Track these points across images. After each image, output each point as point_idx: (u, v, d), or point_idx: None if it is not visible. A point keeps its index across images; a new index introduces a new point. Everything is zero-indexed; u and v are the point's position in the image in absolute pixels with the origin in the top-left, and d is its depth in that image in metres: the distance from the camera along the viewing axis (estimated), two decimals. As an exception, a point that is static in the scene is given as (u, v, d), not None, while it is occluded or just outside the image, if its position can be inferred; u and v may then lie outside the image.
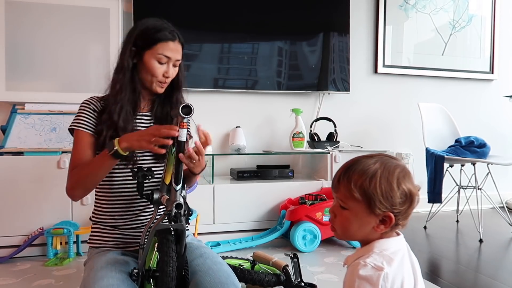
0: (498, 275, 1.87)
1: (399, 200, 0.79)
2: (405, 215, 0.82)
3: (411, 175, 0.83)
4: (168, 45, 1.24)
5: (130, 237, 1.28)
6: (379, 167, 0.81)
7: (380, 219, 0.81)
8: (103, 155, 1.15)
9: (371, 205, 0.79)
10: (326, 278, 1.76)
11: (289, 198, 2.39)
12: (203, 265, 1.14)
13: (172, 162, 1.10)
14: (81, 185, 1.21)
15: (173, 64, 1.28)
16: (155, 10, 2.62)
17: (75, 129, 1.25)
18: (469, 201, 2.73)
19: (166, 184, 1.12)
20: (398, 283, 0.78)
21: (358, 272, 0.78)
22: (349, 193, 0.82)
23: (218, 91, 2.83)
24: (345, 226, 0.84)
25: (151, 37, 1.24)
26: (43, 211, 2.06)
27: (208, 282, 1.06)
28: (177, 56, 1.27)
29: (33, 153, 2.13)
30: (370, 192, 0.79)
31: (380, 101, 3.27)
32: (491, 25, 3.52)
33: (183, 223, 1.05)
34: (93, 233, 1.32)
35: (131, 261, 1.20)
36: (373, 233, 0.83)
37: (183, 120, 1.05)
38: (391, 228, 0.82)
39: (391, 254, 0.80)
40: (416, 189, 0.82)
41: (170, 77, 1.28)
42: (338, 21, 3.04)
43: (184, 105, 1.04)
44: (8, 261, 1.98)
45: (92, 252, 1.28)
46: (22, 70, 2.40)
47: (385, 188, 0.79)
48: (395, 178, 0.80)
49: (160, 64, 1.25)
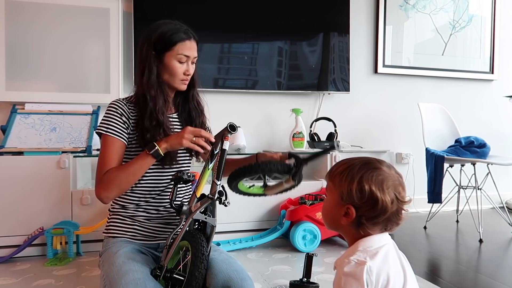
0: (498, 275, 1.87)
1: (356, 195, 0.83)
2: (368, 215, 0.83)
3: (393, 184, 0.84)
4: (185, 45, 1.31)
5: (148, 231, 1.31)
6: (357, 164, 0.86)
7: (345, 211, 0.85)
8: (143, 156, 1.23)
9: (340, 196, 0.85)
10: (326, 278, 1.76)
11: (289, 198, 2.39)
12: (219, 256, 1.21)
13: (207, 177, 1.22)
14: (118, 187, 1.24)
15: (191, 62, 1.35)
16: (155, 10, 2.62)
17: (103, 133, 1.27)
18: (469, 201, 2.73)
19: (197, 197, 1.21)
20: (384, 276, 0.79)
21: (343, 270, 0.80)
22: (328, 182, 0.91)
23: (218, 91, 2.83)
24: (323, 212, 0.93)
25: (169, 39, 1.30)
26: (43, 211, 2.06)
27: (224, 268, 1.13)
28: (194, 53, 1.35)
29: (33, 153, 2.12)
30: (338, 182, 0.86)
31: (380, 101, 3.27)
32: (491, 25, 3.52)
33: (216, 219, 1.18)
34: (111, 223, 1.34)
35: (150, 257, 1.25)
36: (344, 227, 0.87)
37: (227, 135, 1.22)
38: (357, 226, 0.85)
39: (374, 250, 0.83)
40: (387, 196, 0.82)
41: (191, 74, 1.35)
42: (338, 21, 3.04)
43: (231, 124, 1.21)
44: (8, 261, 1.98)
45: (108, 242, 1.29)
46: (22, 70, 2.40)
47: (348, 181, 0.84)
48: (360, 175, 0.84)
49: (180, 64, 1.32)
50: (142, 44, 1.32)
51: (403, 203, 0.85)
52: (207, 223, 1.17)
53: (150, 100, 1.28)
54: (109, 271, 1.13)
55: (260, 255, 2.10)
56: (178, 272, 1.08)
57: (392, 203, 0.83)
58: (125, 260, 1.14)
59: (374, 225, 0.85)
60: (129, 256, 1.17)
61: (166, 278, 1.07)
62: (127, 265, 1.11)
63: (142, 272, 1.09)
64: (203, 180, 1.23)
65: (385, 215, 0.83)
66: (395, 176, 0.86)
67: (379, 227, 0.85)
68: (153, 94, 1.29)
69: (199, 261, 1.05)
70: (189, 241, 1.12)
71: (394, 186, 0.84)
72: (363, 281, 0.77)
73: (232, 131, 1.21)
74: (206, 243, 1.11)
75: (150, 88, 1.29)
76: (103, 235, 1.35)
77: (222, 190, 1.19)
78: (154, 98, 1.29)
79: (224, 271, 1.12)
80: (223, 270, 1.12)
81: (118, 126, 1.28)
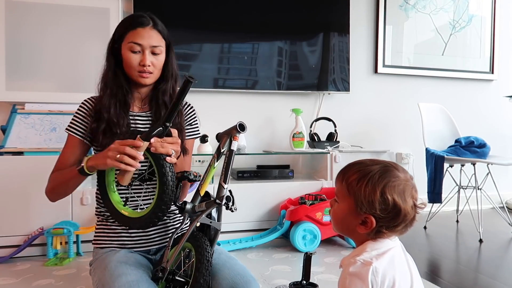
0: (498, 275, 1.87)
1: (379, 206, 0.81)
2: (389, 225, 0.82)
3: (411, 191, 0.83)
4: (137, 32, 1.20)
5: (137, 238, 1.26)
6: (376, 172, 0.83)
7: (362, 219, 0.83)
8: (72, 170, 1.18)
9: (357, 204, 0.82)
10: (326, 278, 1.76)
11: (289, 198, 2.39)
12: (219, 259, 1.17)
13: (211, 175, 1.19)
14: (55, 192, 1.25)
15: (152, 52, 1.22)
16: (155, 10, 2.59)
17: (66, 131, 1.28)
18: (469, 201, 2.73)
19: (201, 196, 1.18)
20: (389, 278, 0.79)
21: (348, 270, 0.80)
22: (341, 187, 0.87)
23: (218, 91, 2.83)
24: (334, 218, 0.90)
25: (123, 28, 1.23)
26: (43, 211, 2.06)
27: (227, 274, 1.10)
28: (150, 42, 1.20)
29: (33, 153, 2.13)
30: (355, 191, 0.83)
31: (380, 101, 3.27)
32: (491, 25, 3.52)
33: (221, 223, 1.14)
34: (98, 233, 1.29)
35: (142, 259, 1.22)
36: (357, 232, 0.85)
37: (236, 134, 1.18)
38: (375, 233, 0.83)
39: (381, 252, 0.82)
40: (408, 205, 0.82)
41: (147, 65, 1.21)
42: (338, 21, 3.04)
43: (241, 123, 1.16)
44: (8, 261, 1.98)
45: (98, 252, 1.26)
46: (22, 70, 2.40)
47: (368, 191, 0.81)
48: (382, 185, 0.81)
49: (134, 53, 1.21)
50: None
51: (419, 208, 0.85)
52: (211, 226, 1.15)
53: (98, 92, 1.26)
54: (102, 275, 1.11)
55: (260, 255, 2.11)
56: (180, 274, 1.07)
57: (412, 209, 0.83)
58: (118, 264, 1.12)
59: (393, 233, 0.84)
60: (121, 260, 1.14)
61: (168, 280, 1.06)
62: (120, 269, 1.09)
63: (135, 274, 1.07)
64: (207, 178, 1.20)
65: (405, 223, 0.83)
66: (410, 182, 0.85)
67: (397, 234, 0.85)
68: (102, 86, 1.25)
69: (204, 268, 1.03)
70: (193, 244, 1.10)
71: (412, 193, 0.84)
72: (367, 282, 0.77)
73: (241, 130, 1.17)
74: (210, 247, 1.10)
75: (102, 81, 1.25)
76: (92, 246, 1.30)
77: (230, 195, 1.15)
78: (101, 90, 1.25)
79: (228, 277, 1.09)
80: (226, 276, 1.10)
81: (78, 124, 1.26)
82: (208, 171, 1.21)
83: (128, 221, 1.17)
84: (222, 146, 1.21)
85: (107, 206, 1.19)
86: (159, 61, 1.25)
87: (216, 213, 1.16)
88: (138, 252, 1.26)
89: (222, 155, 1.21)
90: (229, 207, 1.13)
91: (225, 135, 1.22)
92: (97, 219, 1.32)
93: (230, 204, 1.13)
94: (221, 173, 1.15)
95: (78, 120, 1.27)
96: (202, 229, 1.16)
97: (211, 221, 1.13)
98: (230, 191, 1.15)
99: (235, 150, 1.18)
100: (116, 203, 1.18)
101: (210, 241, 1.12)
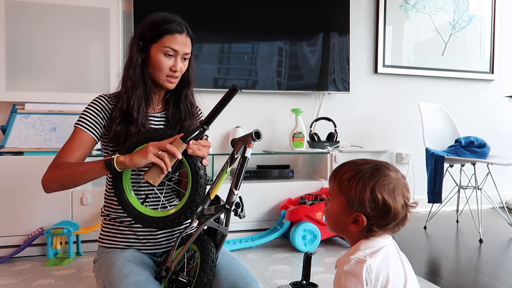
0: (498, 275, 1.87)
1: (369, 205, 0.82)
2: (380, 223, 0.83)
3: (401, 190, 0.84)
4: (175, 38, 1.21)
5: (144, 240, 1.26)
6: (367, 171, 0.84)
7: (354, 218, 0.84)
8: (97, 162, 1.14)
9: (348, 203, 0.84)
10: (326, 278, 1.76)
11: (289, 198, 2.39)
12: (222, 259, 1.18)
13: (223, 180, 1.19)
14: (60, 182, 1.19)
15: (182, 58, 1.24)
16: (155, 10, 2.60)
17: (74, 126, 1.23)
18: (469, 201, 2.73)
19: (211, 199, 1.19)
20: (383, 275, 0.80)
21: (343, 268, 0.81)
22: (333, 186, 0.88)
23: (218, 91, 2.83)
24: (328, 217, 0.91)
25: (158, 30, 1.21)
26: (43, 211, 2.06)
27: (229, 274, 1.11)
28: (185, 49, 1.22)
29: (33, 153, 2.13)
30: (347, 189, 0.84)
31: (380, 101, 3.27)
32: (491, 25, 3.52)
33: (228, 229, 1.14)
34: (105, 232, 1.28)
35: (149, 260, 1.22)
36: (350, 231, 0.86)
37: (251, 142, 1.18)
38: (367, 232, 0.85)
39: (375, 250, 0.83)
40: (398, 203, 0.83)
41: (178, 71, 1.23)
42: (338, 21, 3.04)
43: (256, 131, 1.15)
44: (8, 261, 1.98)
45: (104, 251, 1.25)
46: (22, 70, 2.40)
47: (359, 189, 0.82)
48: (372, 183, 0.82)
49: (167, 58, 1.21)
50: (134, 33, 1.26)
51: (411, 207, 0.85)
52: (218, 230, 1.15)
53: (124, 92, 1.21)
54: (109, 272, 1.10)
55: (260, 255, 2.11)
56: (183, 275, 1.08)
57: (402, 208, 0.84)
58: (126, 262, 1.12)
59: (384, 231, 0.85)
60: (129, 259, 1.15)
61: (171, 280, 1.06)
62: (128, 267, 1.09)
63: (143, 275, 1.08)
64: (219, 182, 1.20)
65: (396, 221, 0.84)
66: (402, 181, 0.86)
67: (388, 232, 0.86)
68: (129, 86, 1.21)
69: (209, 267, 1.04)
70: (198, 246, 1.11)
71: (402, 192, 0.84)
72: (362, 279, 0.78)
73: (257, 138, 1.16)
74: (216, 250, 1.10)
75: (129, 80, 1.21)
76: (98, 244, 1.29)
77: (240, 202, 1.15)
78: (130, 90, 1.21)
79: (229, 277, 1.10)
80: (228, 276, 1.10)
81: (91, 120, 1.22)
82: (220, 175, 1.20)
83: (150, 221, 1.16)
84: (236, 152, 1.21)
85: (124, 206, 1.17)
86: (185, 67, 1.27)
87: (224, 218, 1.16)
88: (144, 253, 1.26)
89: (234, 161, 1.21)
90: (237, 213, 1.13)
91: (240, 141, 1.22)
92: (104, 219, 1.31)
93: (239, 211, 1.14)
94: (233, 178, 1.16)
95: (90, 116, 1.23)
96: (209, 233, 1.16)
97: (218, 226, 1.13)
98: (240, 197, 1.15)
99: (248, 157, 1.18)
100: (135, 203, 1.18)
101: (216, 245, 1.12)
